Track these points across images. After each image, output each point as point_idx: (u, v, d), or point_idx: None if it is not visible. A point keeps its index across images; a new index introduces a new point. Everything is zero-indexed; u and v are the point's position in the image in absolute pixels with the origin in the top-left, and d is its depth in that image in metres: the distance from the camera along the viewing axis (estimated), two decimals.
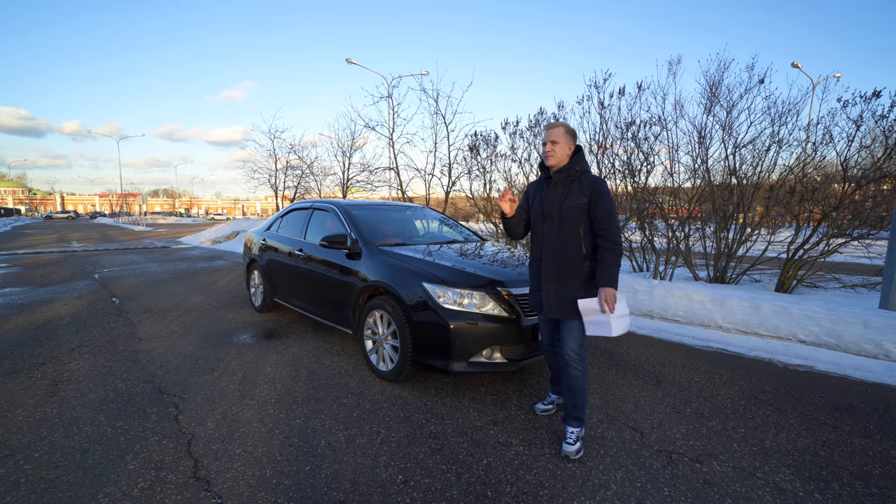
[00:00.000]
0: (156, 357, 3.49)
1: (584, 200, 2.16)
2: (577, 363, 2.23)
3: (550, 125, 2.28)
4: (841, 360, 3.60)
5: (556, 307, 2.24)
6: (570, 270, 2.21)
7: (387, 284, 3.04)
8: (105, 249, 12.55)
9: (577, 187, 2.19)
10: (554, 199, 2.23)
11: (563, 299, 2.22)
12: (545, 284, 2.28)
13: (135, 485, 1.89)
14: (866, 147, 4.94)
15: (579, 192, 2.18)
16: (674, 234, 5.93)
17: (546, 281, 2.27)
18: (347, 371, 3.24)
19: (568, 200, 2.19)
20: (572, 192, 2.20)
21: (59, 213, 60.16)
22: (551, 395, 2.70)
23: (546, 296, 2.28)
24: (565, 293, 2.22)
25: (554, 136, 2.23)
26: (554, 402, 2.65)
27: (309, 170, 14.80)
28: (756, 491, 1.91)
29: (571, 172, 2.23)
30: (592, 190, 2.16)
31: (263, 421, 2.47)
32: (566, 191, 2.21)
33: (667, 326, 4.63)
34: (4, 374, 3.09)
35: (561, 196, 2.22)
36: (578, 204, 2.17)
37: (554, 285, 2.25)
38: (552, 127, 2.26)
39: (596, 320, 2.12)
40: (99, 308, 5.14)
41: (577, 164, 2.25)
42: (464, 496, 1.86)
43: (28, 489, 1.86)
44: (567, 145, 2.23)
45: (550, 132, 2.25)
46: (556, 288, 2.24)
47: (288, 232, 4.61)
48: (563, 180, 2.24)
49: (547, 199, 2.26)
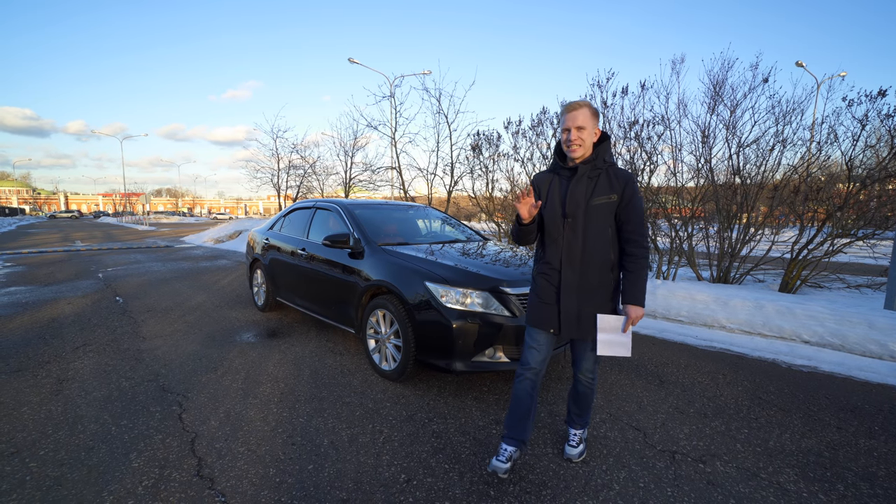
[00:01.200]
0: (159, 356, 3.51)
1: (615, 198, 1.82)
2: (590, 381, 2.05)
3: (572, 106, 1.84)
4: (845, 361, 3.58)
5: (575, 326, 1.90)
6: (596, 282, 1.88)
7: (389, 284, 3.04)
8: (109, 249, 12.60)
9: (606, 181, 1.84)
10: (578, 195, 1.86)
11: (584, 316, 1.89)
12: (565, 298, 1.90)
13: (139, 483, 1.90)
14: (871, 146, 4.92)
15: (609, 188, 1.83)
16: (677, 233, 5.91)
17: (566, 294, 1.90)
18: (350, 370, 3.25)
19: (595, 197, 1.84)
20: (600, 186, 1.84)
21: (63, 213, 60.49)
22: (505, 447, 1.97)
23: (565, 312, 1.90)
24: (588, 309, 1.89)
25: (580, 119, 1.81)
26: (511, 456, 1.95)
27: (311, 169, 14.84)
28: (760, 492, 1.90)
29: (598, 164, 1.86)
30: (626, 186, 1.82)
31: (266, 420, 2.48)
32: (593, 185, 1.85)
33: (670, 326, 4.62)
34: (10, 373, 3.11)
35: (587, 192, 1.85)
36: (608, 202, 1.83)
37: (575, 299, 1.90)
38: (575, 108, 1.83)
39: (614, 340, 1.84)
40: (103, 307, 5.17)
41: (605, 153, 1.88)
42: (466, 496, 1.86)
43: (33, 487, 1.87)
44: (593, 130, 1.85)
45: (574, 115, 1.82)
46: (577, 303, 1.90)
47: (290, 231, 4.62)
48: (590, 173, 1.87)
49: (569, 196, 1.88)
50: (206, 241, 15.58)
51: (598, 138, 1.89)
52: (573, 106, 1.84)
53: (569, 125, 1.83)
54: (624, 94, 6.11)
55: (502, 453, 1.95)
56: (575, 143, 1.83)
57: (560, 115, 1.88)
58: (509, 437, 1.98)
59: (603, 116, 6.33)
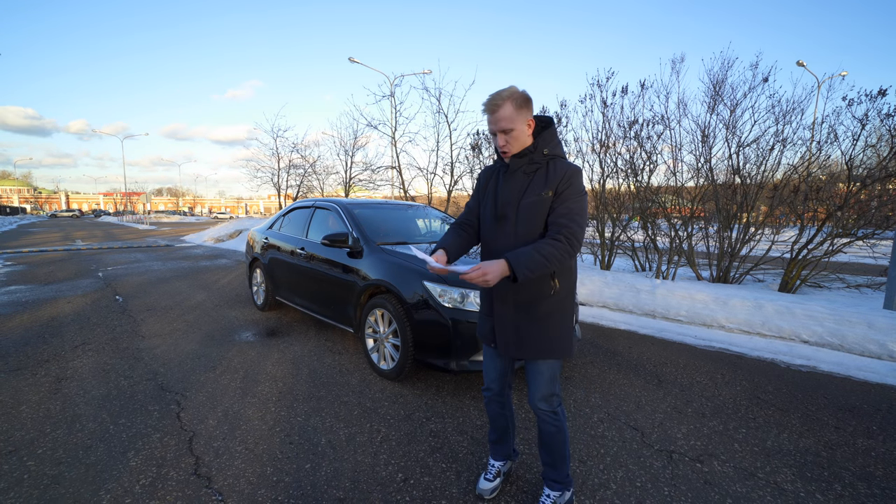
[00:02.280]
0: (158, 355, 3.51)
1: (550, 194, 1.55)
2: (549, 416, 1.68)
3: (491, 102, 1.53)
4: (844, 361, 3.58)
5: (513, 343, 1.64)
6: (534, 290, 1.59)
7: (388, 283, 3.04)
8: (109, 248, 12.62)
9: (542, 178, 1.57)
10: (511, 193, 1.62)
11: (524, 330, 1.62)
12: (499, 310, 1.66)
13: (136, 481, 1.91)
14: (872, 146, 4.91)
15: (544, 185, 1.56)
16: (676, 233, 5.91)
17: (500, 304, 1.65)
18: (348, 369, 3.25)
19: (528, 196, 1.58)
20: (535, 183, 1.58)
21: (64, 212, 60.61)
22: (493, 462, 1.92)
23: (500, 326, 1.66)
24: (528, 322, 1.62)
25: (503, 121, 1.52)
26: (500, 471, 1.91)
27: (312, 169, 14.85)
28: (757, 491, 1.90)
29: (536, 158, 1.59)
30: (562, 179, 1.54)
31: (264, 419, 2.48)
32: (528, 182, 1.60)
33: (669, 326, 4.61)
34: (9, 371, 3.12)
35: (519, 190, 1.60)
36: (541, 199, 1.56)
37: (512, 310, 1.63)
38: (495, 105, 1.52)
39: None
40: (102, 306, 5.17)
41: (545, 144, 1.59)
42: (463, 495, 1.86)
43: (31, 485, 1.87)
44: (523, 122, 1.55)
45: (495, 117, 1.54)
46: (514, 314, 1.63)
47: (290, 230, 4.62)
48: (525, 168, 1.61)
49: (501, 194, 1.65)
50: (206, 240, 15.59)
51: (535, 127, 1.61)
52: (493, 105, 1.53)
53: (492, 128, 1.58)
54: (624, 94, 6.11)
55: (490, 470, 1.91)
56: (504, 150, 1.59)
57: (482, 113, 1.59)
58: (494, 453, 1.93)
59: (603, 116, 6.33)
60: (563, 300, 1.63)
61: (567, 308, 1.64)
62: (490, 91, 1.58)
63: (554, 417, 1.69)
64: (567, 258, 1.51)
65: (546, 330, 1.61)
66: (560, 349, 1.63)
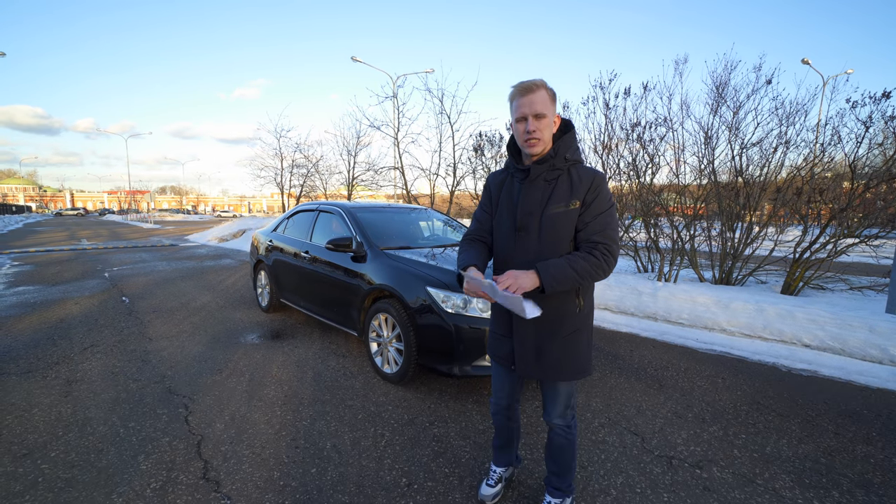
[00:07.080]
0: (165, 357, 3.57)
1: (577, 205, 1.46)
2: (563, 430, 1.67)
3: (526, 87, 1.43)
4: (846, 365, 3.59)
5: (534, 365, 1.57)
6: (559, 309, 1.51)
7: (391, 288, 3.08)
8: (114, 248, 12.72)
9: (567, 185, 1.48)
10: (532, 203, 1.51)
11: (546, 352, 1.54)
12: (519, 330, 1.57)
13: (147, 485, 1.95)
14: (879, 145, 4.88)
15: (569, 194, 1.46)
16: (678, 234, 5.91)
17: (520, 325, 1.56)
18: (353, 373, 3.29)
19: (552, 206, 1.48)
20: (559, 192, 1.48)
21: (70, 211, 61.00)
22: (495, 468, 1.91)
23: (520, 346, 1.58)
24: (551, 343, 1.53)
25: (538, 104, 1.42)
26: (502, 477, 1.91)
27: (314, 168, 14.91)
28: (755, 498, 1.93)
29: (558, 163, 1.49)
30: (589, 188, 1.46)
31: (271, 422, 2.53)
32: (550, 190, 1.50)
33: (671, 329, 4.63)
34: (20, 374, 3.18)
35: (541, 199, 1.50)
36: (568, 210, 1.46)
37: (533, 331, 1.55)
38: (531, 89, 1.42)
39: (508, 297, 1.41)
40: (110, 307, 5.24)
41: (565, 149, 1.49)
42: (466, 500, 1.90)
43: (45, 488, 1.93)
44: (553, 114, 1.47)
45: (530, 99, 1.42)
46: (535, 335, 1.55)
47: (294, 233, 4.66)
48: (546, 175, 1.50)
49: (521, 203, 1.53)
50: (210, 239, 15.68)
51: (559, 128, 1.52)
52: (527, 87, 1.42)
53: (525, 112, 1.43)
54: (626, 96, 6.10)
55: (492, 476, 1.91)
56: (533, 136, 1.44)
57: (510, 99, 1.48)
58: (497, 458, 1.93)
59: (605, 118, 6.33)
60: (586, 317, 1.57)
61: (590, 325, 1.59)
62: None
63: (567, 431, 1.68)
64: (601, 276, 1.43)
65: (570, 351, 1.55)
66: (583, 370, 1.59)
